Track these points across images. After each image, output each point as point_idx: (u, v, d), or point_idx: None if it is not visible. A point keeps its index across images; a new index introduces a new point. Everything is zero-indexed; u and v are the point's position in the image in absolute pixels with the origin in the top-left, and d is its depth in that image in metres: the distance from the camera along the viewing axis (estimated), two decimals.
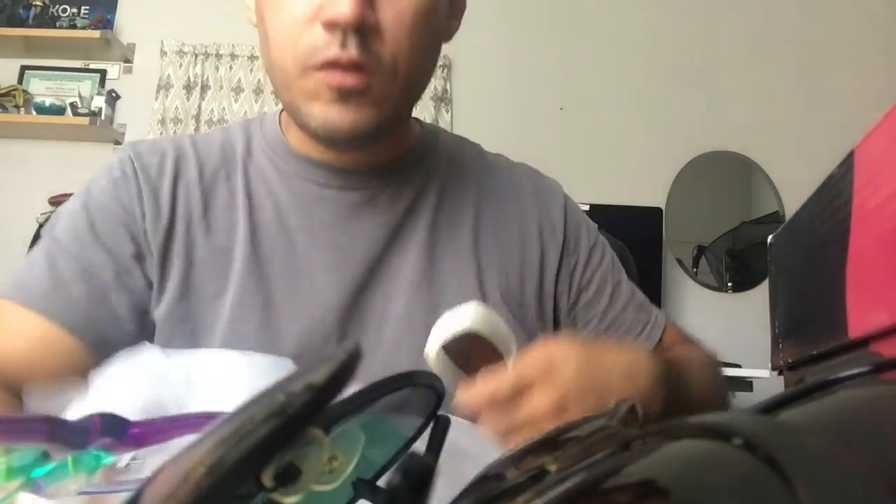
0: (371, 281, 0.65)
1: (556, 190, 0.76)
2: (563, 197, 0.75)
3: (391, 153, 0.68)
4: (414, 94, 0.63)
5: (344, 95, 0.56)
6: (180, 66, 2.81)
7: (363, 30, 0.54)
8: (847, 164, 0.40)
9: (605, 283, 0.72)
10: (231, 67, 2.83)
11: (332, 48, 0.54)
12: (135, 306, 0.62)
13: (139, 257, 0.63)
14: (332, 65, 0.55)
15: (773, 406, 0.17)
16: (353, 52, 0.54)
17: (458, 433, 0.33)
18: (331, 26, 0.54)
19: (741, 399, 2.22)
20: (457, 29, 0.69)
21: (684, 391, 0.56)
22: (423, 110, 2.70)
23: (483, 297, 0.66)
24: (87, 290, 0.61)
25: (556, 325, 0.71)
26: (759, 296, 2.58)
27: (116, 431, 0.27)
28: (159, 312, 0.62)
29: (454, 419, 0.32)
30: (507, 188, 0.73)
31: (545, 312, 0.70)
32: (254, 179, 0.67)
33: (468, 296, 0.65)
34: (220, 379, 0.40)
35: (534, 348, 0.48)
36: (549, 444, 0.21)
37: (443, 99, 2.77)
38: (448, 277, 0.66)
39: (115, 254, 0.62)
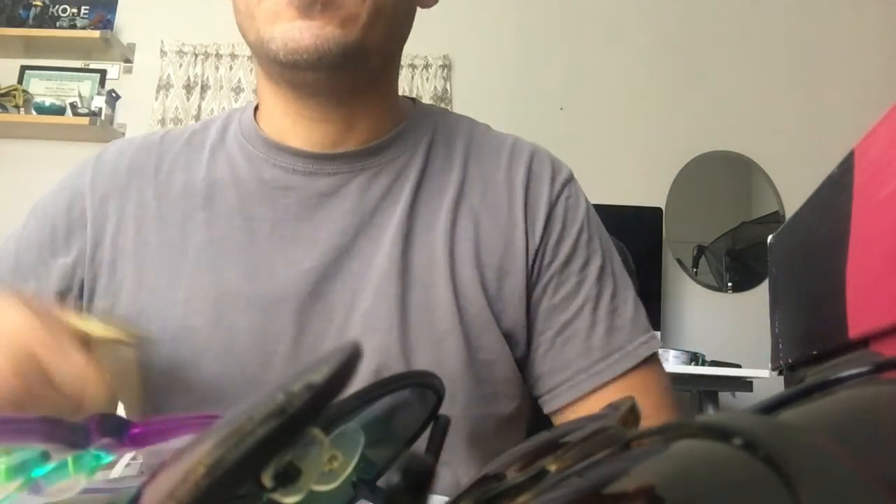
0: (338, 272, 0.61)
1: (555, 174, 0.68)
2: (560, 185, 0.67)
3: (370, 131, 0.65)
4: (388, 32, 0.59)
5: (306, 8, 0.54)
6: (180, 66, 2.81)
7: None
8: (847, 164, 0.40)
9: (577, 293, 0.64)
10: (231, 67, 2.83)
11: None
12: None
13: (40, 269, 0.64)
14: None
15: (773, 406, 0.17)
16: None
17: None
18: None
19: (741, 399, 2.23)
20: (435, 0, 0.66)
21: None
22: None
23: (454, 287, 0.61)
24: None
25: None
26: (759, 296, 2.58)
27: (116, 432, 0.27)
28: (116, 313, 0.62)
29: None
30: (501, 171, 0.67)
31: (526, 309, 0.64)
32: (220, 167, 0.65)
33: (439, 287, 0.61)
34: None
35: None
36: (550, 444, 0.21)
37: (443, 99, 2.77)
38: (420, 266, 0.62)
39: (22, 265, 0.65)
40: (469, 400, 0.61)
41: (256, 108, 0.69)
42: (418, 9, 0.66)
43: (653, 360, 0.65)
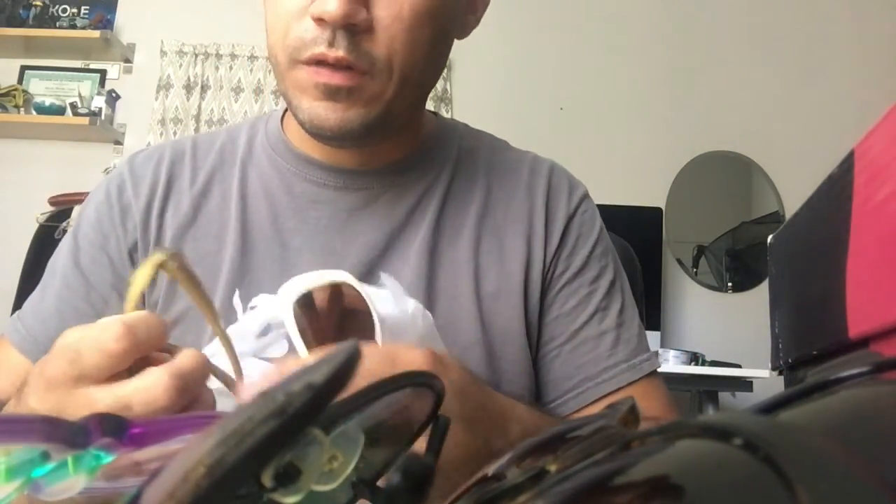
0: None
1: (572, 189, 0.71)
2: (578, 199, 0.70)
3: (398, 152, 0.66)
4: (415, 93, 0.60)
5: (331, 93, 0.55)
6: (180, 66, 2.81)
7: (353, 28, 0.52)
8: (847, 164, 0.40)
9: (587, 303, 0.66)
10: (231, 67, 2.83)
11: (319, 45, 0.53)
12: None
13: (119, 284, 0.63)
14: (318, 62, 0.54)
15: (773, 406, 0.17)
16: (340, 51, 0.52)
17: None
18: (319, 22, 0.52)
19: (741, 399, 2.23)
20: (475, 24, 0.67)
21: None
22: None
23: (479, 300, 0.63)
24: (61, 326, 0.62)
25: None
26: (759, 296, 2.58)
27: (116, 431, 0.27)
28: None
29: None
30: (522, 187, 0.69)
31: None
32: (251, 180, 0.66)
33: (463, 298, 0.63)
34: None
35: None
36: (550, 444, 0.21)
37: (443, 99, 2.77)
38: (445, 279, 0.64)
39: (94, 285, 0.64)
40: None
41: (283, 115, 0.70)
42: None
43: (656, 374, 0.67)
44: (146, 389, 0.35)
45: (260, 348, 0.57)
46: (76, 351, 0.36)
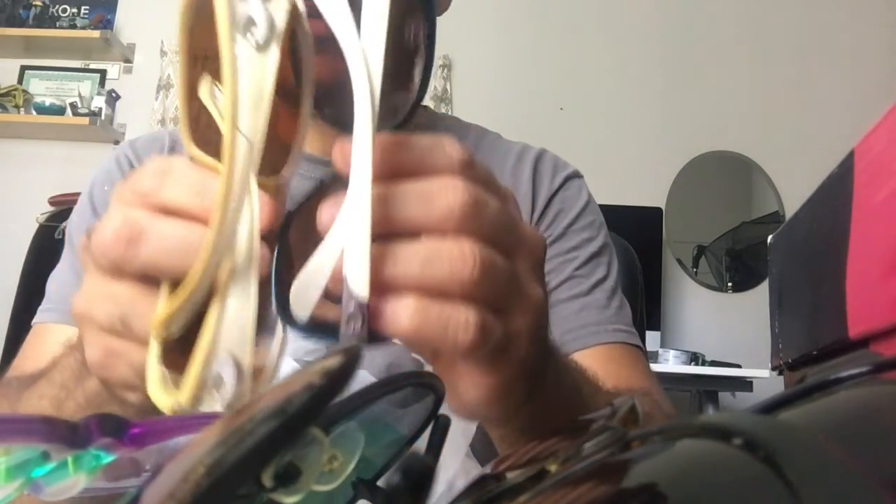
0: None
1: (556, 172, 0.71)
2: (561, 179, 0.70)
3: None
4: None
5: (319, 43, 0.57)
6: None
7: None
8: (847, 164, 0.40)
9: (560, 271, 0.66)
10: None
11: None
12: None
13: None
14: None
15: (773, 406, 0.17)
16: None
17: None
18: None
19: (741, 399, 2.23)
20: (447, 4, 0.69)
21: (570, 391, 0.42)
22: None
23: None
24: None
25: None
26: (759, 296, 2.58)
27: (116, 431, 0.27)
28: None
29: None
30: (507, 173, 0.70)
31: None
32: None
33: None
34: None
35: None
36: (549, 443, 0.21)
37: (443, 99, 2.77)
38: None
39: None
40: None
41: None
42: None
43: (633, 344, 0.65)
44: None
45: (300, 351, 0.57)
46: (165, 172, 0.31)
